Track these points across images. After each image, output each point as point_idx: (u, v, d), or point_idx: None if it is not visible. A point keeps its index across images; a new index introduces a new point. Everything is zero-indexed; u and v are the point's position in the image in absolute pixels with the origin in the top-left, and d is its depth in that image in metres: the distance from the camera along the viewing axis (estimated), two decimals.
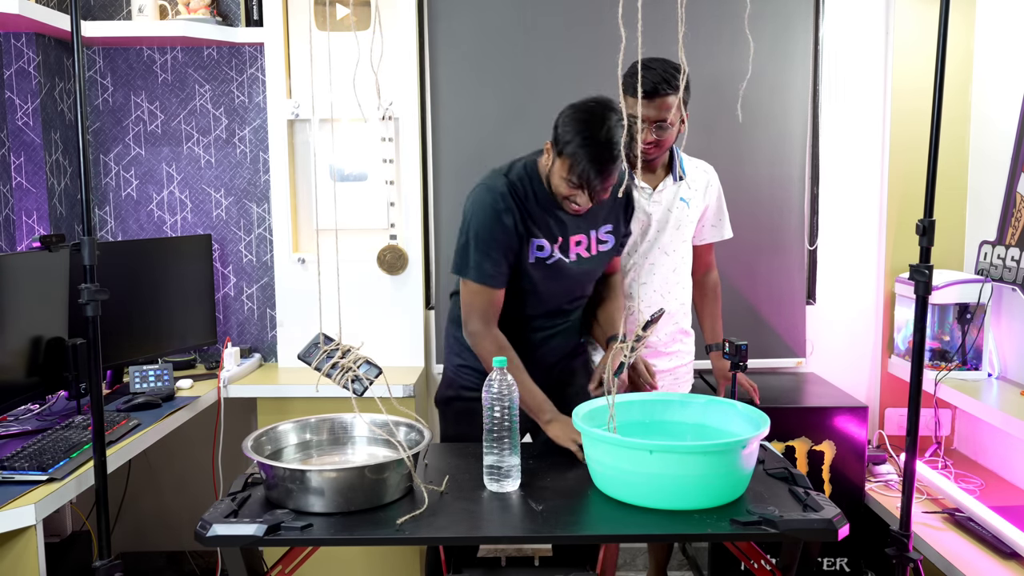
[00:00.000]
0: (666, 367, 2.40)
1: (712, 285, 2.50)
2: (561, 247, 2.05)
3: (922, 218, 1.90)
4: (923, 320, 1.92)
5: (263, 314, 3.12)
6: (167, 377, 2.59)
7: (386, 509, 1.67)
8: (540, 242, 2.03)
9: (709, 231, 2.44)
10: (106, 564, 1.76)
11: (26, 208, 2.76)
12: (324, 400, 2.46)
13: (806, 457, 2.70)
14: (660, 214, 2.31)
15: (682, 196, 2.32)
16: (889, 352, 3.04)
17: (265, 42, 2.88)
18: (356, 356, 1.77)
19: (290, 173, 2.93)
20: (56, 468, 1.91)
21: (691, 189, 2.33)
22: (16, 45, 2.70)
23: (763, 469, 1.85)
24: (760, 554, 1.87)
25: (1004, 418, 2.34)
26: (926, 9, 2.92)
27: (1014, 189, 2.61)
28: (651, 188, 2.30)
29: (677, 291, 2.37)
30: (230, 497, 1.70)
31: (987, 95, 2.85)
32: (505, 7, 2.93)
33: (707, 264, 2.48)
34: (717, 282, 2.51)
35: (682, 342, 2.44)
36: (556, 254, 2.05)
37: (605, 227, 2.11)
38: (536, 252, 2.04)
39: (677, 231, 2.33)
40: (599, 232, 2.10)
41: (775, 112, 2.96)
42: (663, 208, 2.31)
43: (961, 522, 2.37)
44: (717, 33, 2.87)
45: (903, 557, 1.90)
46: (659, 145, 2.20)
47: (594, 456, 1.74)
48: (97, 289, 1.77)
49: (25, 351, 2.28)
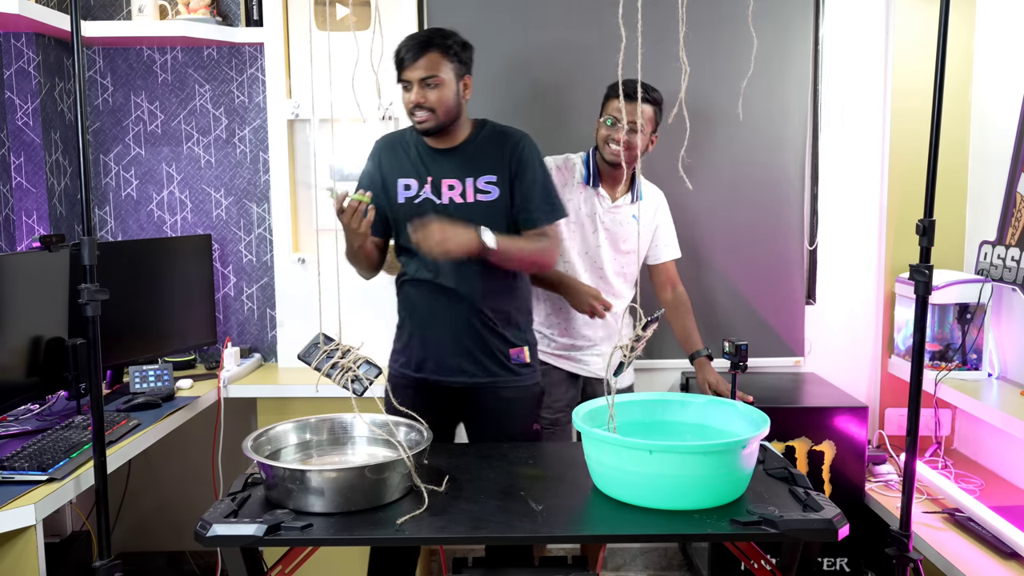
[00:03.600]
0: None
1: (680, 300, 2.63)
2: (432, 187, 2.14)
3: (922, 218, 1.90)
4: (923, 320, 1.92)
5: (263, 314, 3.12)
6: (167, 377, 2.59)
7: (386, 509, 1.67)
8: (407, 181, 2.16)
9: (664, 250, 2.61)
10: (106, 564, 1.76)
11: (26, 208, 2.76)
12: (324, 400, 2.46)
13: (806, 457, 2.70)
14: (611, 225, 2.49)
15: (633, 214, 2.50)
16: (889, 352, 3.04)
17: (265, 42, 2.88)
18: (356, 356, 1.77)
19: (290, 173, 2.93)
20: (56, 468, 1.91)
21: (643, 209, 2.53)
22: (16, 45, 2.70)
23: (763, 469, 1.85)
24: (760, 554, 1.87)
25: (1004, 418, 2.34)
26: (926, 9, 2.92)
27: (1014, 189, 2.61)
28: (611, 199, 2.49)
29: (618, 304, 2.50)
30: (230, 497, 1.70)
31: (987, 95, 2.85)
32: (505, 7, 2.93)
33: (672, 280, 2.63)
34: (684, 295, 2.64)
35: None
36: (425, 193, 2.15)
37: (487, 176, 2.14)
38: (404, 192, 2.16)
39: (624, 244, 2.51)
40: (478, 181, 2.14)
41: (775, 112, 2.95)
42: (615, 220, 2.48)
43: (961, 522, 2.37)
44: (717, 33, 2.87)
45: (903, 557, 1.90)
46: (628, 147, 2.35)
47: (594, 456, 1.74)
48: (97, 289, 1.77)
49: (25, 351, 2.28)
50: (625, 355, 1.80)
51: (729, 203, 2.98)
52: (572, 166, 2.51)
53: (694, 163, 2.42)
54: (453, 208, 2.12)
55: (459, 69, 2.13)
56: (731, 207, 2.97)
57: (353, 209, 1.93)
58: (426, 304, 2.19)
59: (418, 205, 2.14)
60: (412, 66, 2.05)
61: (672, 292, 2.61)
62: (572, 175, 2.49)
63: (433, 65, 2.07)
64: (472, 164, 2.14)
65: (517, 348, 2.22)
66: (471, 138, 2.17)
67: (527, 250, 2.11)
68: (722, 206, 2.97)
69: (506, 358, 2.19)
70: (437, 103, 2.08)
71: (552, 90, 2.93)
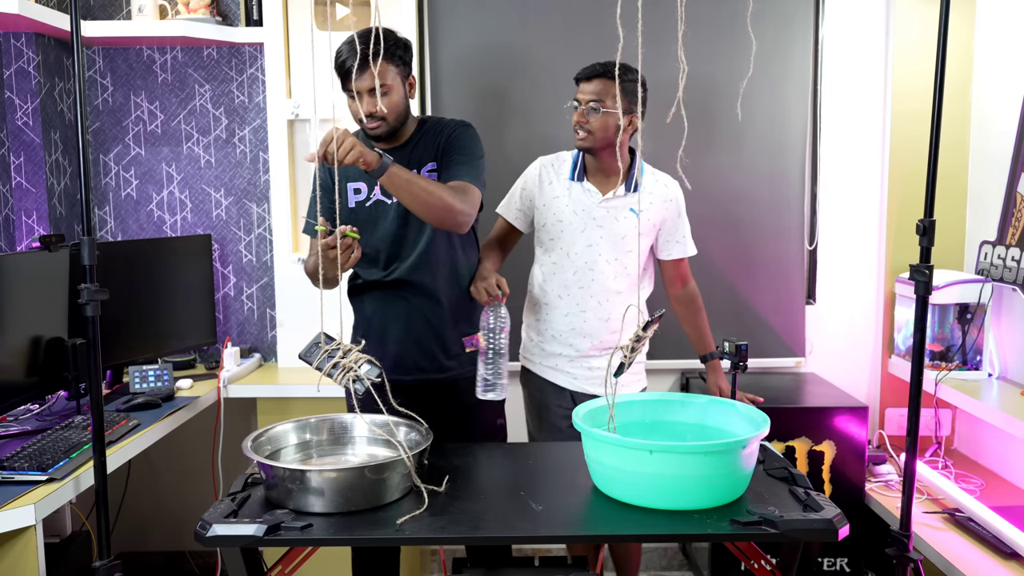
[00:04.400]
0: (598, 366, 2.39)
1: (691, 297, 2.47)
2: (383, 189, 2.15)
3: (922, 218, 1.90)
4: (923, 320, 1.92)
5: (263, 314, 3.12)
6: (167, 377, 2.59)
7: (386, 509, 1.66)
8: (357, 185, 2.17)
9: (676, 247, 2.41)
10: (106, 564, 1.76)
11: (26, 208, 2.76)
12: (324, 400, 2.47)
13: (806, 457, 2.70)
14: (605, 221, 2.31)
15: (632, 207, 2.31)
16: (889, 352, 3.04)
17: (265, 42, 2.88)
18: (357, 356, 1.77)
19: (290, 173, 2.93)
20: (56, 468, 1.91)
21: (645, 201, 2.33)
22: (16, 45, 2.70)
23: (763, 469, 1.85)
24: (760, 554, 1.87)
25: (1004, 418, 2.34)
26: (926, 9, 2.92)
27: (1014, 189, 2.61)
28: (600, 193, 2.31)
29: (617, 301, 2.33)
30: (230, 497, 1.70)
31: (987, 95, 2.85)
32: (504, 7, 2.93)
33: (683, 277, 2.46)
34: (696, 293, 2.48)
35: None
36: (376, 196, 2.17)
37: (429, 165, 2.17)
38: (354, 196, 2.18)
39: (622, 240, 2.32)
40: (422, 172, 2.16)
41: (775, 112, 2.96)
42: (611, 216, 2.31)
43: (961, 522, 2.37)
44: (717, 33, 2.87)
45: (903, 557, 1.90)
46: (588, 130, 2.24)
47: (594, 456, 1.74)
48: (97, 289, 1.77)
49: (25, 351, 2.28)
50: (625, 355, 1.80)
51: (729, 203, 2.98)
52: (561, 162, 2.39)
53: (693, 163, 2.41)
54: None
55: (404, 72, 2.14)
56: (731, 207, 2.98)
57: (347, 246, 1.91)
58: (380, 305, 2.21)
59: (369, 208, 2.18)
60: (360, 76, 2.03)
61: (682, 289, 2.46)
62: (558, 173, 2.37)
63: (381, 74, 2.06)
64: (415, 158, 2.17)
65: (469, 336, 2.23)
66: (414, 135, 2.20)
67: (422, 184, 1.99)
68: (722, 206, 2.97)
69: (461, 348, 2.21)
70: (390, 110, 2.09)
71: (552, 90, 2.93)
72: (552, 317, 2.37)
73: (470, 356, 2.23)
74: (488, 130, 2.94)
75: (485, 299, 2.15)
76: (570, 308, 2.35)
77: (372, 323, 2.24)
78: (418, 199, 1.98)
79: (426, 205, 1.99)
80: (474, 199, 2.09)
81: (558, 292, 2.36)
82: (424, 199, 1.98)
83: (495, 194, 2.47)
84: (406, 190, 1.97)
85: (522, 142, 2.96)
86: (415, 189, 1.97)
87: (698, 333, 2.48)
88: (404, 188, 1.97)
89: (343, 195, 2.19)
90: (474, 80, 2.97)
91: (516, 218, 2.43)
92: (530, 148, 2.95)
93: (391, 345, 2.20)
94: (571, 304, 2.34)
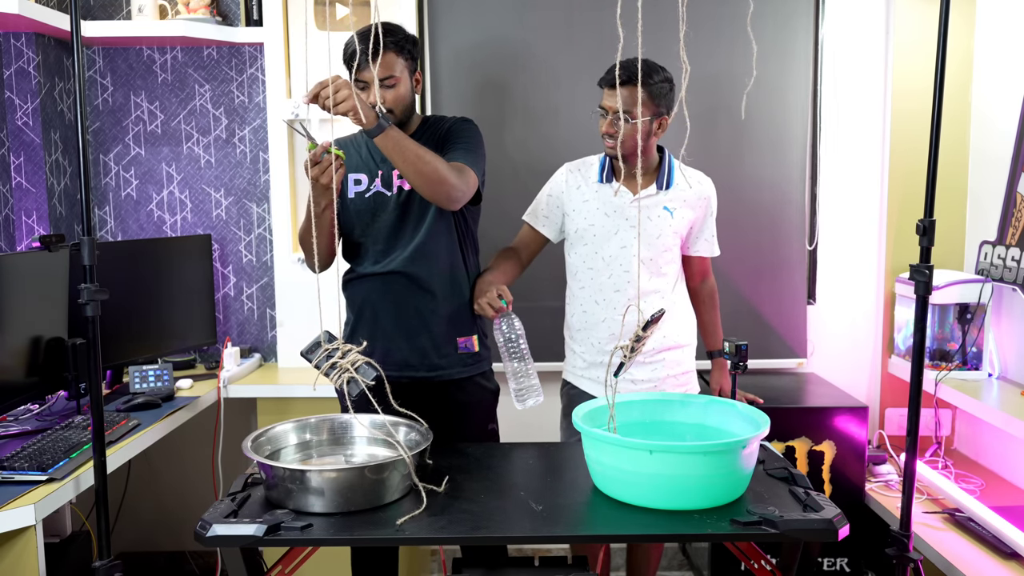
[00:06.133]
0: (646, 376, 2.34)
1: (708, 292, 2.49)
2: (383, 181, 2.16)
3: (922, 218, 1.90)
4: (923, 320, 1.92)
5: (263, 314, 3.12)
6: (167, 377, 2.59)
7: (386, 509, 1.66)
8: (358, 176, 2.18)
9: (703, 244, 2.41)
10: (106, 564, 1.76)
11: (26, 208, 2.76)
12: (324, 400, 2.47)
13: (806, 457, 2.70)
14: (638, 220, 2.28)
15: (665, 205, 2.30)
16: (889, 352, 3.04)
17: (265, 42, 2.88)
18: (355, 358, 1.76)
19: (290, 173, 2.93)
20: (56, 468, 1.91)
21: (679, 199, 2.31)
22: (16, 45, 2.70)
23: (763, 469, 1.85)
24: (760, 554, 1.87)
25: (1004, 418, 2.34)
26: (926, 9, 2.92)
27: (1014, 189, 2.61)
28: (632, 193, 2.29)
29: (654, 300, 2.31)
30: (230, 497, 1.70)
31: (987, 95, 2.85)
32: (505, 7, 2.93)
33: (703, 272, 2.46)
34: (714, 289, 2.50)
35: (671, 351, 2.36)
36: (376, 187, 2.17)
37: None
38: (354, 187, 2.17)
39: (657, 240, 2.29)
40: None
41: (775, 112, 2.95)
42: (642, 216, 2.28)
43: (961, 522, 2.37)
44: (717, 33, 2.87)
45: (903, 557, 1.90)
46: (614, 137, 2.20)
47: (594, 456, 1.74)
48: (97, 289, 1.77)
49: (25, 351, 2.28)
50: (625, 355, 1.80)
51: (729, 203, 2.97)
52: (588, 166, 2.37)
53: (694, 163, 2.41)
54: (404, 195, 2.15)
55: (411, 66, 2.14)
56: (731, 207, 2.97)
57: (329, 163, 1.89)
58: (371, 295, 2.19)
59: (369, 199, 2.17)
60: (368, 67, 2.04)
61: (701, 283, 2.46)
62: (586, 177, 2.35)
63: (389, 65, 2.07)
64: None
65: (465, 337, 2.21)
66: (417, 132, 2.20)
67: (419, 152, 1.97)
68: (722, 206, 2.94)
69: (454, 348, 2.19)
70: (395, 102, 2.10)
71: (552, 90, 2.94)
72: (590, 323, 2.34)
73: (462, 358, 2.20)
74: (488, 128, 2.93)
75: (491, 314, 2.07)
76: (607, 314, 2.31)
77: (363, 314, 2.20)
78: (413, 165, 1.97)
79: (420, 173, 1.98)
80: (469, 179, 2.07)
81: (594, 298, 2.32)
82: (419, 166, 1.97)
83: (494, 192, 2.47)
84: (401, 155, 1.95)
85: (522, 139, 2.96)
86: (409, 155, 1.96)
87: (711, 328, 2.49)
88: (399, 152, 1.95)
89: (343, 186, 2.18)
90: (474, 78, 2.97)
91: (543, 225, 2.39)
92: (530, 145, 2.96)
93: (380, 339, 2.16)
94: (608, 309, 2.30)
